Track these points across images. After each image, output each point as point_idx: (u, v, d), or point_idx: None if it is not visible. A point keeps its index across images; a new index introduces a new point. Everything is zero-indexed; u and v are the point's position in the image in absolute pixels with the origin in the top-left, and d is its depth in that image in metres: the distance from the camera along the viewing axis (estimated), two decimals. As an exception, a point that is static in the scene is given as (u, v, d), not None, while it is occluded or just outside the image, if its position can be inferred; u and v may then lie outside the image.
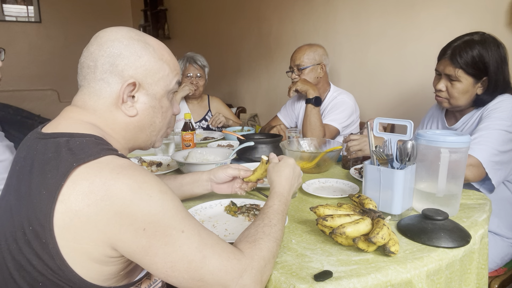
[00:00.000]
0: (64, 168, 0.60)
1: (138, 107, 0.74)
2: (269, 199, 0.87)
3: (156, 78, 0.75)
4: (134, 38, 0.73)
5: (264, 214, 0.80)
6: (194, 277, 0.61)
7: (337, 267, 0.75)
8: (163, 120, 0.80)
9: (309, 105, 1.88)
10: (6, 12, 4.97)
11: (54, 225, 0.58)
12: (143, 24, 5.46)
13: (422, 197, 1.03)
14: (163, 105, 0.78)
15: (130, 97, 0.73)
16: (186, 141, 1.75)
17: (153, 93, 0.75)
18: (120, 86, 0.71)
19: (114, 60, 0.70)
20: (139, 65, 0.72)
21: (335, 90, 2.06)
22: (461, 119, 1.41)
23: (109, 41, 0.71)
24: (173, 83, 0.79)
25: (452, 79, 1.31)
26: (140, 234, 0.59)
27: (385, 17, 2.19)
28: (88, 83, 0.72)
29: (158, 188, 0.62)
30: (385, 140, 1.03)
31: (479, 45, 1.26)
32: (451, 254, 0.82)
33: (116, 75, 0.71)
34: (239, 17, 3.59)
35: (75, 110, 0.73)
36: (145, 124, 0.77)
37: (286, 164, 0.96)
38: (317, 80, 2.02)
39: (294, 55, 2.03)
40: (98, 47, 0.71)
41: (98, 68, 0.70)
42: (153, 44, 0.75)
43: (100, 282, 0.64)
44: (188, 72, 2.35)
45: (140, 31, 0.76)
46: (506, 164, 1.25)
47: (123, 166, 0.62)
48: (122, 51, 0.71)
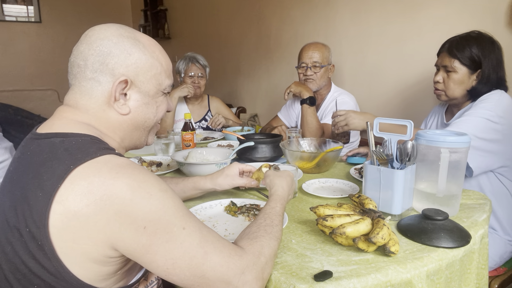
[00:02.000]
0: (60, 169, 0.59)
1: (130, 105, 0.73)
2: (271, 201, 0.88)
3: (148, 76, 0.74)
4: (124, 35, 0.72)
5: (266, 215, 0.81)
6: (195, 273, 0.61)
7: (337, 267, 0.75)
8: (157, 116, 0.79)
9: (304, 105, 1.91)
10: (6, 12, 4.98)
11: (51, 226, 0.58)
12: (143, 24, 5.46)
13: (422, 197, 1.03)
14: (157, 101, 0.78)
15: (122, 95, 0.72)
16: (186, 141, 1.75)
17: (146, 90, 0.74)
18: (111, 84, 0.70)
19: (104, 59, 0.69)
20: (130, 63, 0.71)
21: (336, 90, 2.06)
22: (457, 114, 1.44)
23: (98, 40, 0.70)
24: (166, 83, 0.78)
25: (449, 70, 1.39)
26: (141, 233, 0.59)
27: (385, 17, 2.19)
28: (79, 82, 0.71)
29: (158, 186, 0.62)
30: (385, 140, 1.03)
31: (475, 40, 1.35)
32: (451, 254, 0.82)
33: (107, 74, 0.70)
34: (239, 17, 3.59)
35: (68, 110, 0.72)
36: (139, 122, 0.76)
37: (288, 173, 1.01)
38: (328, 80, 2.03)
39: (309, 52, 1.98)
40: (87, 46, 0.70)
41: (88, 67, 0.70)
42: (144, 41, 0.74)
43: (97, 283, 0.63)
44: (190, 72, 2.35)
45: (130, 28, 0.75)
46: (491, 154, 1.28)
47: (122, 165, 0.62)
48: (112, 49, 0.70)
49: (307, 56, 1.98)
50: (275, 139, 1.59)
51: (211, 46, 4.14)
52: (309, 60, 1.97)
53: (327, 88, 2.07)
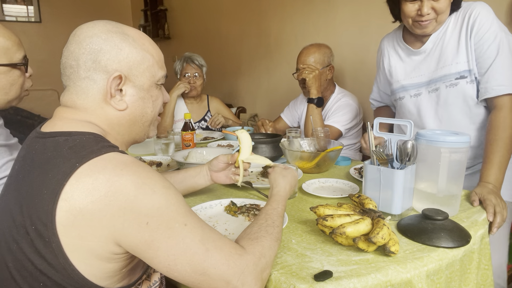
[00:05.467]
0: (66, 167, 0.60)
1: (127, 100, 0.73)
2: (272, 201, 0.88)
3: (141, 69, 0.74)
4: (112, 31, 0.71)
5: (267, 215, 0.81)
6: (196, 270, 0.61)
7: (337, 267, 0.75)
8: (154, 109, 0.80)
9: (311, 105, 1.88)
10: (6, 12, 4.97)
11: (57, 223, 0.58)
12: (143, 24, 5.45)
13: (422, 197, 1.03)
14: (153, 95, 0.78)
15: (118, 91, 0.72)
16: (186, 141, 1.75)
17: (140, 84, 0.74)
18: (106, 81, 0.70)
19: (96, 56, 0.69)
20: (122, 58, 0.71)
21: (339, 92, 2.04)
22: (430, 39, 1.31)
23: (87, 38, 0.70)
24: (159, 75, 0.78)
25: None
26: (144, 228, 0.59)
27: (385, 17, 2.19)
28: (73, 82, 0.71)
29: (161, 183, 0.63)
30: (385, 140, 1.03)
31: None
32: (451, 254, 0.82)
33: (100, 71, 0.70)
34: (239, 17, 3.59)
35: (67, 110, 0.72)
36: (137, 116, 0.76)
37: (293, 174, 1.01)
38: (326, 82, 1.98)
39: (302, 57, 1.95)
40: (77, 45, 0.70)
41: (81, 66, 0.70)
42: (132, 35, 0.74)
43: (102, 281, 0.64)
44: (186, 72, 2.36)
45: (117, 23, 0.75)
46: None
47: (126, 162, 0.62)
48: (102, 46, 0.70)
49: (301, 61, 1.96)
50: (275, 139, 1.59)
51: (211, 46, 4.14)
52: (301, 65, 1.95)
53: (329, 89, 2.04)
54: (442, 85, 1.29)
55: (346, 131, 1.95)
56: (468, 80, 1.24)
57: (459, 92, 1.26)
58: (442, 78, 1.29)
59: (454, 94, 1.27)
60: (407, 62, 1.40)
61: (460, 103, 1.28)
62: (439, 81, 1.30)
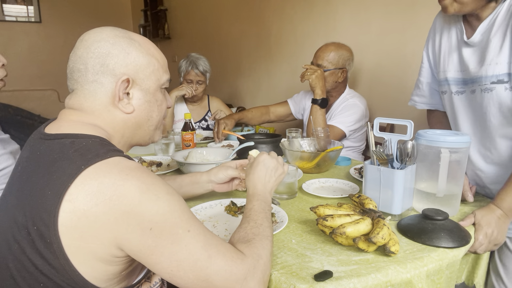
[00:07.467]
0: (71, 169, 0.60)
1: (134, 103, 0.75)
2: (246, 202, 0.87)
3: (147, 73, 0.75)
4: (119, 36, 0.73)
5: (248, 217, 0.80)
6: (199, 277, 0.61)
7: (337, 267, 0.75)
8: (159, 113, 0.81)
9: (315, 105, 1.85)
10: (6, 12, 4.97)
11: (59, 224, 0.59)
12: (143, 24, 5.45)
13: (422, 197, 1.03)
14: (158, 99, 0.79)
15: (125, 94, 0.73)
16: (186, 141, 1.75)
17: (147, 87, 0.76)
18: (114, 84, 0.71)
19: (104, 60, 0.71)
20: (129, 62, 0.72)
21: (348, 93, 2.00)
22: (478, 29, 1.06)
23: (95, 42, 0.71)
24: (164, 78, 0.80)
25: None
26: (147, 234, 0.59)
27: (385, 17, 2.19)
28: (81, 86, 0.72)
29: (165, 189, 0.63)
30: (385, 140, 1.03)
31: None
32: (451, 254, 0.82)
33: (108, 75, 0.71)
34: (239, 17, 3.59)
35: (73, 112, 0.73)
36: (143, 119, 0.77)
37: (256, 163, 0.95)
38: (335, 84, 1.95)
39: (318, 53, 1.94)
40: (85, 50, 0.71)
41: (89, 70, 0.71)
42: (138, 40, 0.76)
43: (101, 282, 0.64)
44: (189, 78, 2.34)
45: (122, 29, 0.77)
46: None
47: (131, 167, 0.63)
48: (110, 50, 0.71)
49: (316, 56, 1.95)
50: (275, 139, 1.59)
51: (211, 46, 4.14)
52: (315, 61, 1.94)
53: (338, 90, 2.00)
54: (478, 87, 1.07)
55: (350, 133, 1.91)
56: (508, 86, 1.00)
57: (494, 100, 1.03)
58: (478, 80, 1.06)
59: (487, 100, 1.05)
60: (456, 52, 1.15)
61: (495, 113, 1.05)
62: (475, 83, 1.08)
